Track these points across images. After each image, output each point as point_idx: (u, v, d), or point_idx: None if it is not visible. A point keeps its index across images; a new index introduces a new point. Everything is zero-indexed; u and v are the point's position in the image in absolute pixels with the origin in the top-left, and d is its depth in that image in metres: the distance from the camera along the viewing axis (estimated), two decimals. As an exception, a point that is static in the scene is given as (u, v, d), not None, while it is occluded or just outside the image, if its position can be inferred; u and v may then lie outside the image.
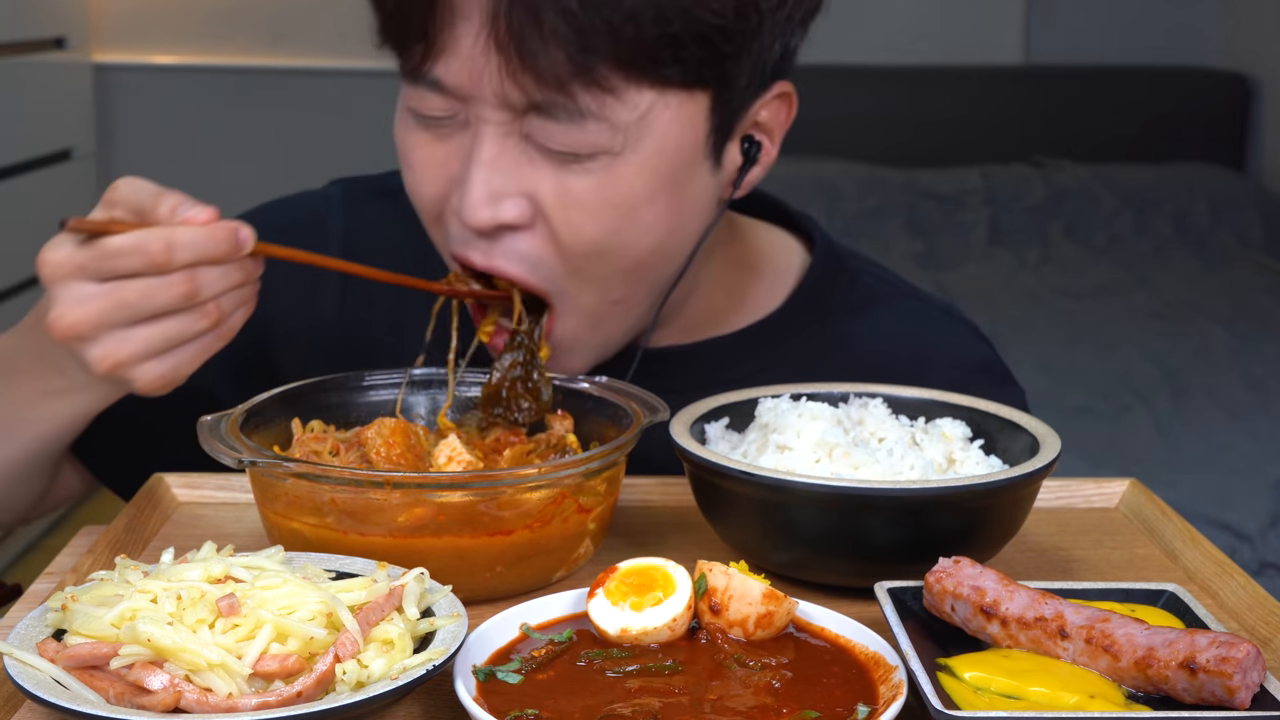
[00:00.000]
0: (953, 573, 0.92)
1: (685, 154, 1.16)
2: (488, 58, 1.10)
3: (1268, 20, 4.82)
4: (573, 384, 1.20)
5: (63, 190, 4.09)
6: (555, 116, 1.11)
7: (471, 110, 1.14)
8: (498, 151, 1.14)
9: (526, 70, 1.09)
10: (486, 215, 1.15)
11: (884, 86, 4.66)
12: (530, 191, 1.15)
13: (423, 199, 1.21)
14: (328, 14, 4.64)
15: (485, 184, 1.14)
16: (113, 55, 4.58)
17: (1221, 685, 0.81)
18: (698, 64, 1.12)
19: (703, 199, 1.21)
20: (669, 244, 1.21)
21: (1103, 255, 4.33)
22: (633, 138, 1.13)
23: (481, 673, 0.85)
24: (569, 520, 1.05)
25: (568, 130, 1.12)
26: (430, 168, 1.19)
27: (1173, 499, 1.99)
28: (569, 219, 1.15)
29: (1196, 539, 1.14)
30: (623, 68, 1.09)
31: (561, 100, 1.10)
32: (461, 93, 1.13)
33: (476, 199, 1.14)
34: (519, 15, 1.07)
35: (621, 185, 1.14)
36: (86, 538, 1.13)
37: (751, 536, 1.06)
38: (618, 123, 1.12)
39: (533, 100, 1.11)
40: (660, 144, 1.14)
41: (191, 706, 0.80)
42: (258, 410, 1.12)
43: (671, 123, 1.14)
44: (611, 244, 1.17)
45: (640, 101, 1.11)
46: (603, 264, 1.18)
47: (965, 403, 1.18)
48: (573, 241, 1.16)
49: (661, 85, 1.12)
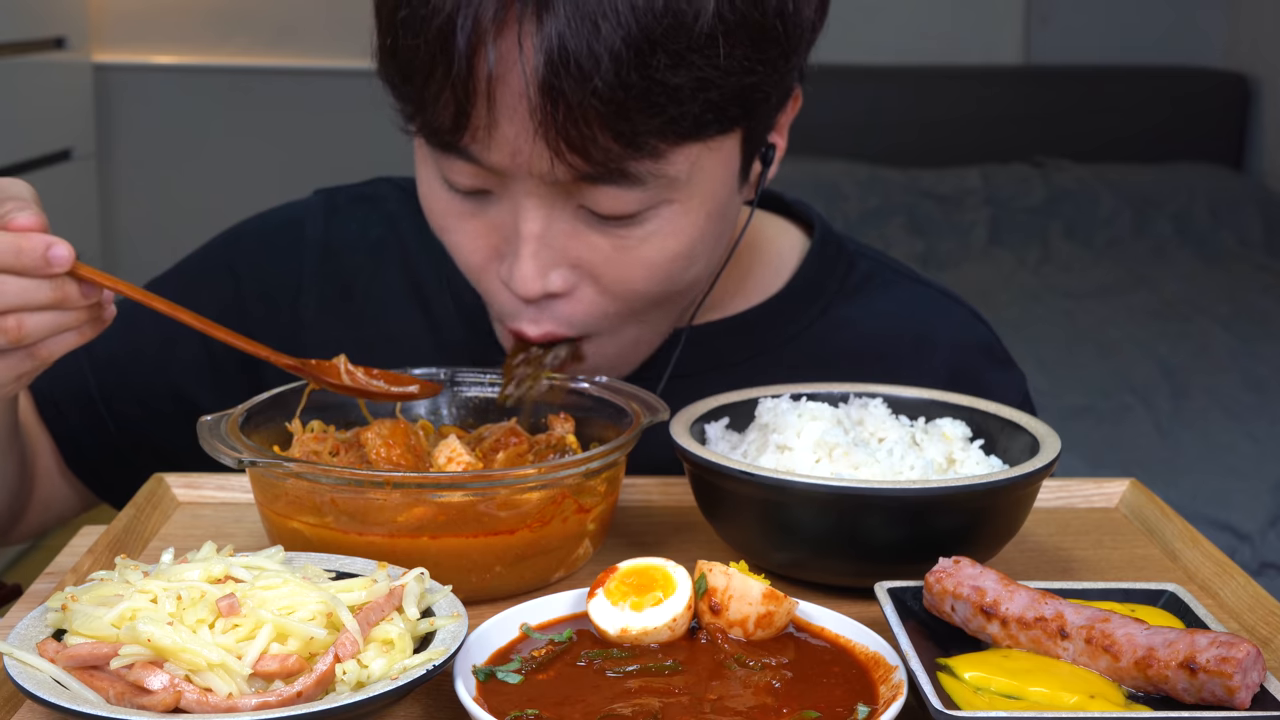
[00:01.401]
0: (953, 573, 0.92)
1: (727, 186, 1.17)
2: (534, 146, 1.07)
3: (1268, 20, 4.82)
4: (573, 384, 1.20)
5: (63, 190, 4.09)
6: (609, 183, 1.09)
7: (511, 185, 1.12)
8: (544, 224, 1.12)
9: (573, 153, 1.06)
10: (538, 288, 1.14)
11: (884, 87, 4.66)
12: (577, 259, 1.14)
13: (467, 267, 1.20)
14: (328, 14, 4.64)
15: (534, 258, 1.13)
16: (113, 55, 4.58)
17: (1221, 685, 0.81)
18: (735, 116, 1.12)
19: (734, 215, 1.23)
20: (709, 269, 1.22)
21: (1103, 255, 4.33)
22: (685, 187, 1.13)
23: (481, 673, 0.85)
24: (569, 520, 1.05)
25: (623, 193, 1.10)
26: (472, 238, 1.17)
27: (1173, 499, 1.99)
28: (623, 276, 1.15)
29: (1196, 539, 1.15)
30: (668, 138, 1.08)
31: (614, 173, 1.09)
32: (501, 171, 1.10)
33: (528, 274, 1.13)
34: (564, 110, 1.04)
35: (678, 233, 1.15)
36: (86, 538, 1.13)
37: (751, 536, 1.06)
38: (672, 176, 1.11)
39: (583, 174, 1.08)
40: (708, 187, 1.15)
41: (191, 706, 0.80)
42: (258, 410, 1.12)
43: (715, 165, 1.14)
44: (663, 288, 1.18)
45: (689, 155, 1.11)
46: (650, 304, 1.19)
47: (965, 403, 1.18)
48: (625, 294, 1.17)
49: (704, 140, 1.11)
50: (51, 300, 1.02)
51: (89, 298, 1.04)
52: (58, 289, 1.02)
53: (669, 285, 1.18)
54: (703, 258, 1.19)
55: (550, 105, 1.04)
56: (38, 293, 1.01)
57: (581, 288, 1.16)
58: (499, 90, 1.05)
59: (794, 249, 1.41)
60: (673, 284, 1.18)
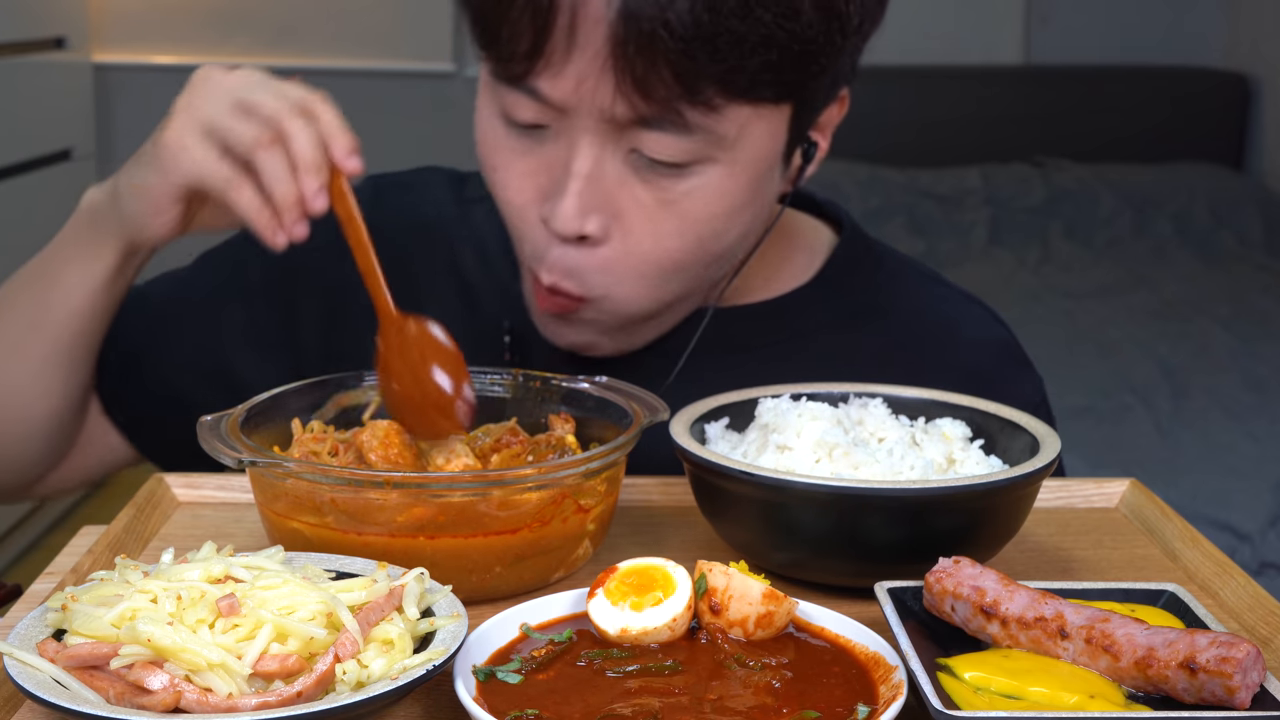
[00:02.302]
0: (953, 573, 0.92)
1: (768, 162, 1.21)
2: (600, 79, 1.12)
3: (1268, 20, 4.82)
4: (573, 384, 1.20)
5: (63, 190, 4.08)
6: (662, 128, 1.14)
7: (569, 121, 1.16)
8: (594, 165, 1.17)
9: (636, 90, 1.12)
10: (576, 226, 1.18)
11: (884, 87, 4.66)
12: (618, 207, 1.19)
13: (507, 205, 1.24)
14: (328, 14, 4.65)
15: (578, 196, 1.17)
16: (113, 55, 4.58)
17: (1221, 685, 0.81)
18: (789, 84, 1.17)
19: (770, 199, 1.27)
20: (737, 246, 1.26)
21: (1103, 255, 4.33)
22: (730, 148, 1.17)
23: (481, 673, 0.85)
24: (568, 520, 1.05)
25: (673, 140, 1.15)
26: (520, 176, 1.21)
27: (1173, 499, 1.99)
28: (656, 230, 1.19)
29: (1196, 539, 1.14)
30: (725, 90, 1.13)
31: (669, 116, 1.13)
32: (563, 106, 1.15)
33: (569, 211, 1.17)
34: (636, 42, 1.10)
35: (720, 194, 1.19)
36: (86, 538, 1.13)
37: (751, 536, 1.06)
38: (721, 134, 1.16)
39: (639, 115, 1.14)
40: (753, 154, 1.19)
41: (191, 706, 0.80)
42: (258, 410, 1.12)
43: (762, 134, 1.19)
44: (689, 253, 1.21)
45: (739, 116, 1.16)
46: (670, 271, 1.22)
47: (965, 403, 1.18)
48: (651, 250, 1.20)
49: (757, 103, 1.16)
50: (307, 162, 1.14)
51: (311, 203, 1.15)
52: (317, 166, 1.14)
53: (697, 250, 1.21)
54: (734, 230, 1.23)
55: (624, 35, 1.10)
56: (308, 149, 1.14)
57: (611, 241, 1.20)
58: (580, 18, 1.11)
59: (824, 244, 1.45)
60: (701, 249, 1.21)
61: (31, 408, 1.36)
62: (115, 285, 1.31)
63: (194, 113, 1.18)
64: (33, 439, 1.38)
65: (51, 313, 1.32)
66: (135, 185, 1.22)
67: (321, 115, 1.17)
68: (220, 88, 1.18)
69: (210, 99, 1.18)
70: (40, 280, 1.33)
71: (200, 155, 1.17)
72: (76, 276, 1.30)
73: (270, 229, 1.16)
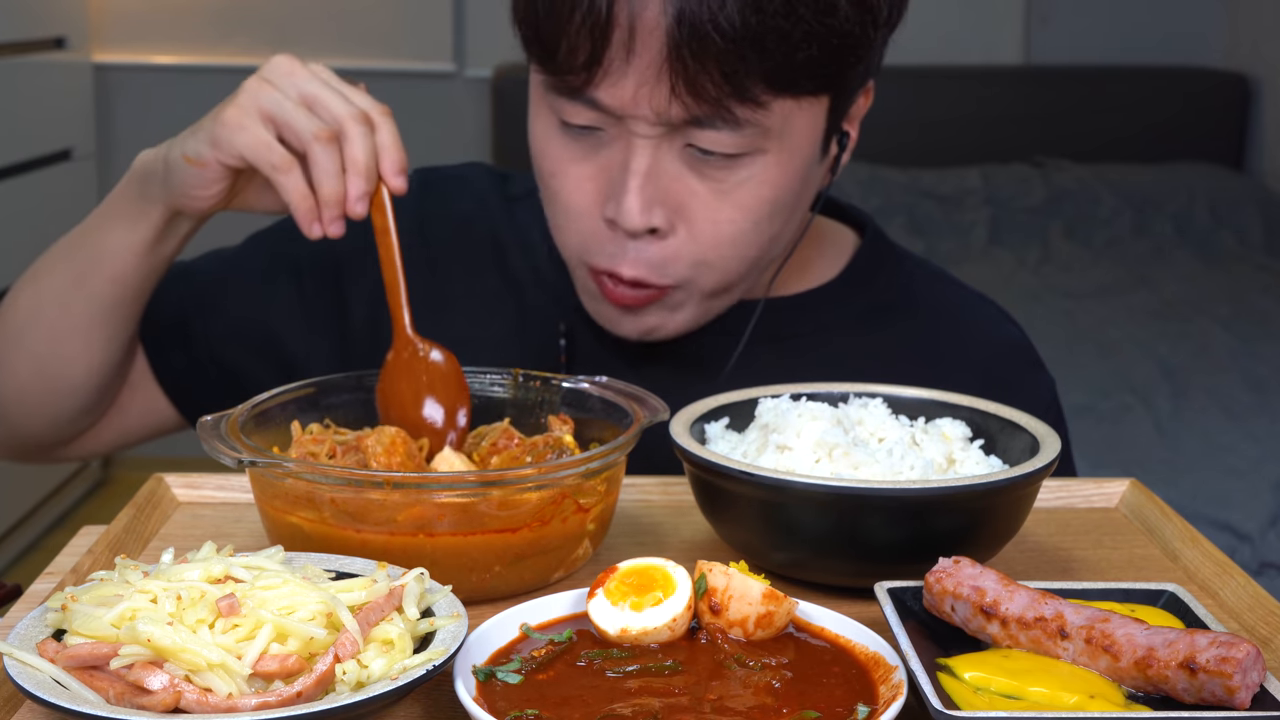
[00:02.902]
0: (953, 573, 0.92)
1: (811, 151, 1.28)
2: (656, 85, 1.19)
3: (1268, 20, 4.82)
4: (573, 384, 1.20)
5: (63, 190, 4.09)
6: (714, 126, 1.21)
7: (624, 124, 1.23)
8: (651, 163, 1.23)
9: (689, 92, 1.18)
10: (642, 221, 1.24)
11: (884, 86, 4.62)
12: (678, 200, 1.25)
13: (569, 209, 1.29)
14: (328, 14, 4.64)
15: (640, 192, 1.23)
16: (113, 55, 4.58)
17: (1221, 685, 0.81)
18: (828, 76, 1.24)
19: (812, 188, 1.34)
20: (784, 234, 1.33)
21: (1103, 255, 4.33)
22: (778, 139, 1.24)
23: (481, 673, 0.85)
24: (568, 520, 1.05)
25: (725, 135, 1.21)
26: (579, 181, 1.27)
27: (1173, 499, 1.99)
28: (715, 217, 1.26)
29: (1196, 539, 1.14)
30: (771, 85, 1.20)
31: (720, 114, 1.20)
32: (621, 113, 1.22)
33: (634, 207, 1.23)
34: (690, 46, 1.16)
35: (769, 183, 1.26)
36: (86, 538, 1.13)
37: (751, 536, 1.06)
38: (769, 127, 1.22)
39: (692, 115, 1.20)
40: (797, 142, 1.26)
41: (191, 706, 0.80)
42: (259, 410, 1.12)
43: (805, 124, 1.25)
44: (747, 238, 1.28)
45: (784, 109, 1.22)
46: (733, 255, 1.29)
47: (965, 403, 1.18)
48: (713, 238, 1.27)
49: (799, 96, 1.23)
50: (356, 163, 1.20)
51: (352, 206, 1.21)
52: (367, 171, 1.21)
53: (754, 236, 1.28)
54: (783, 214, 1.29)
55: (679, 40, 1.16)
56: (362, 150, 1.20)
57: (676, 232, 1.26)
58: (637, 28, 1.17)
59: (848, 245, 1.50)
60: (756, 234, 1.28)
61: (73, 365, 1.40)
62: (157, 251, 1.35)
63: (260, 96, 1.22)
64: (72, 396, 1.42)
65: (95, 272, 1.36)
66: (187, 157, 1.26)
67: (381, 127, 1.22)
68: (291, 78, 1.23)
69: (279, 86, 1.23)
70: (86, 240, 1.38)
71: (256, 135, 1.22)
72: (121, 238, 1.34)
73: (309, 219, 1.21)
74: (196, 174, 1.26)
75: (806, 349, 1.42)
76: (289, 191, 1.21)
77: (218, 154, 1.24)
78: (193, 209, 1.30)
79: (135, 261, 1.34)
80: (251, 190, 1.31)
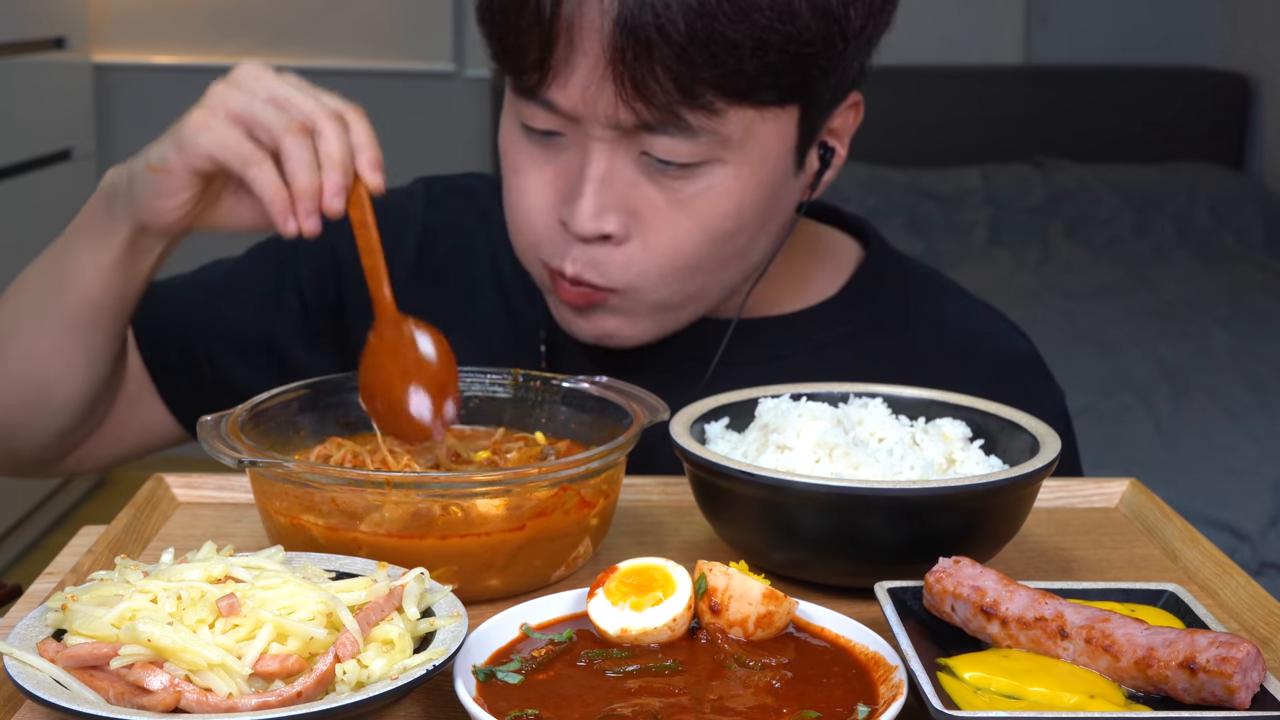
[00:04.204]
0: (953, 573, 0.92)
1: (779, 163, 1.25)
2: (602, 86, 1.18)
3: (1268, 20, 4.82)
4: (573, 384, 1.20)
5: (63, 190, 4.09)
6: (666, 132, 1.19)
7: (582, 129, 1.22)
8: (608, 168, 1.22)
9: (638, 97, 1.17)
10: (593, 227, 1.23)
11: (884, 87, 4.62)
12: (634, 206, 1.23)
13: (525, 209, 1.28)
14: (328, 14, 4.64)
15: (595, 197, 1.22)
16: (113, 55, 4.58)
17: (1221, 685, 0.81)
18: (790, 86, 1.20)
19: (787, 203, 1.31)
20: (753, 247, 1.29)
21: (1103, 255, 4.33)
22: (737, 149, 1.21)
23: (481, 673, 0.85)
24: (569, 520, 1.05)
25: (679, 143, 1.20)
26: (539, 182, 1.27)
27: (1173, 499, 1.99)
28: (671, 229, 1.24)
29: (1196, 539, 1.14)
30: (724, 93, 1.17)
31: (671, 120, 1.18)
32: (574, 114, 1.21)
33: (587, 211, 1.22)
34: (632, 49, 1.15)
35: (728, 193, 1.23)
36: (86, 538, 1.13)
37: (751, 536, 1.06)
38: (726, 136, 1.20)
39: (643, 121, 1.18)
40: (761, 154, 1.23)
41: (191, 706, 0.80)
42: (259, 410, 1.12)
43: (769, 135, 1.23)
44: (706, 250, 1.25)
45: (743, 118, 1.20)
46: (689, 268, 1.26)
47: (965, 403, 1.18)
48: (670, 249, 1.25)
49: (759, 105, 1.20)
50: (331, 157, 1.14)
51: (329, 201, 1.15)
52: (343, 164, 1.15)
53: (712, 249, 1.25)
54: (748, 230, 1.26)
55: (621, 44, 1.14)
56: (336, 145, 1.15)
57: (631, 240, 1.24)
58: (577, 28, 1.16)
59: (851, 257, 1.47)
60: (716, 248, 1.25)
61: (55, 385, 1.36)
62: (128, 269, 1.29)
63: (226, 99, 1.18)
64: (58, 415, 1.38)
65: (66, 291, 1.31)
66: (151, 165, 1.20)
67: (355, 125, 1.18)
68: (259, 81, 1.19)
69: (246, 89, 1.18)
70: (57, 260, 1.33)
71: (223, 133, 1.16)
72: (90, 257, 1.29)
73: (284, 213, 1.15)
74: (160, 181, 1.19)
75: (804, 368, 1.37)
76: (261, 184, 1.14)
77: (183, 157, 1.18)
78: (158, 222, 1.23)
79: (106, 280, 1.29)
80: (222, 205, 1.25)
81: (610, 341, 1.33)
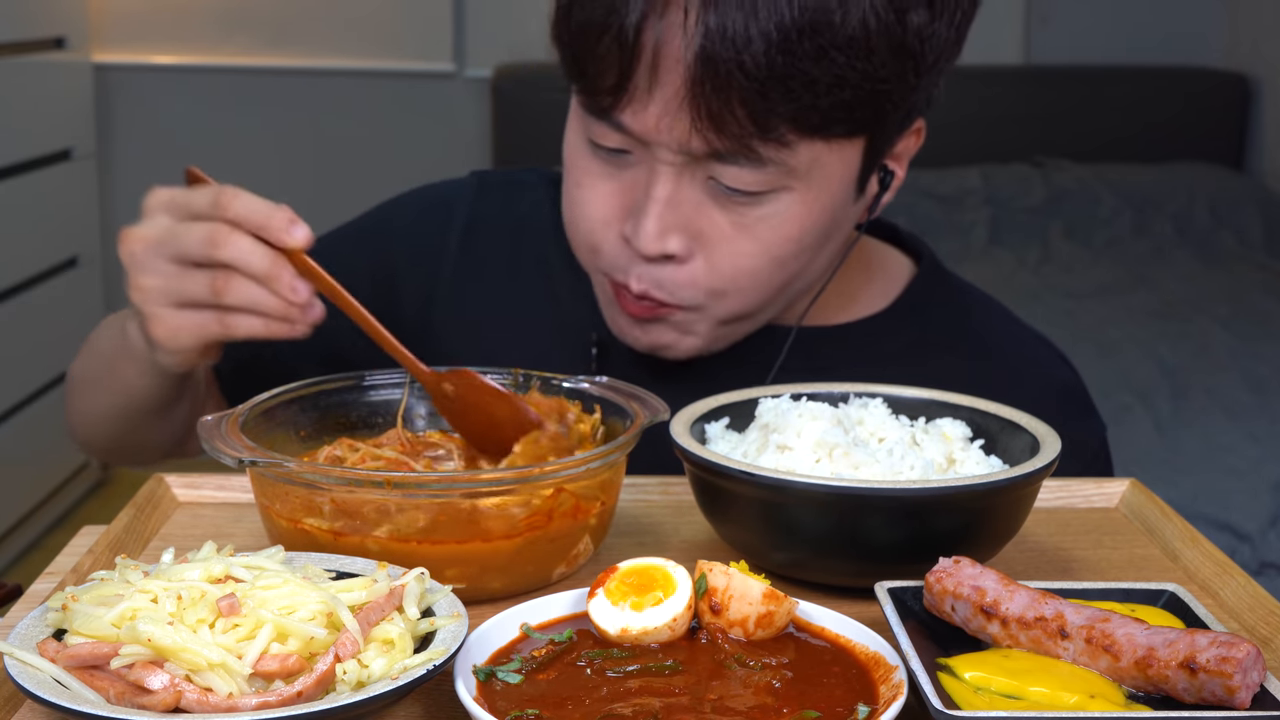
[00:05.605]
0: (953, 573, 0.92)
1: (842, 190, 1.27)
2: (678, 116, 1.18)
3: (1268, 20, 4.82)
4: (573, 384, 1.20)
5: (63, 190, 4.09)
6: (736, 162, 1.20)
7: (650, 151, 1.23)
8: (673, 190, 1.23)
9: (712, 128, 1.17)
10: (657, 247, 1.24)
11: (884, 87, 4.65)
12: (698, 228, 1.24)
13: (587, 219, 1.29)
14: (328, 14, 4.64)
15: (660, 219, 1.23)
16: (113, 55, 4.58)
17: (1221, 685, 0.81)
18: (862, 120, 1.22)
19: (847, 224, 1.33)
20: (812, 266, 1.31)
21: (1103, 255, 4.33)
22: (804, 178, 1.22)
23: (482, 673, 0.86)
24: (569, 518, 1.05)
25: (747, 173, 1.21)
26: (603, 196, 1.28)
27: (1173, 499, 1.99)
28: (735, 252, 1.25)
29: (1196, 539, 1.15)
30: (798, 127, 1.18)
31: (742, 151, 1.19)
32: (645, 139, 1.22)
33: (651, 232, 1.23)
34: (711, 81, 1.15)
35: (792, 221, 1.24)
36: (86, 538, 1.13)
37: (751, 536, 1.06)
38: (794, 166, 1.21)
39: (714, 150, 1.19)
40: (826, 183, 1.24)
41: (191, 706, 0.80)
42: (259, 410, 1.12)
43: (835, 164, 1.24)
44: (768, 272, 1.27)
45: (812, 150, 1.21)
46: (750, 288, 1.27)
47: (965, 403, 1.18)
48: (732, 269, 1.26)
49: (829, 139, 1.21)
50: (264, 272, 1.08)
51: (295, 294, 1.09)
52: (275, 265, 1.08)
53: (773, 272, 1.27)
54: (808, 252, 1.28)
55: (701, 75, 1.15)
56: (258, 256, 1.08)
57: (694, 259, 1.26)
58: (659, 56, 1.17)
59: (903, 274, 1.48)
60: (778, 271, 1.27)
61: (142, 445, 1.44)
62: (181, 382, 1.32)
63: (151, 293, 1.13)
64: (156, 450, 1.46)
65: (127, 398, 1.34)
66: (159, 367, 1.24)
67: (234, 207, 1.09)
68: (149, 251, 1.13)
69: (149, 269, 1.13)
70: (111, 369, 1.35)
71: (186, 325, 1.13)
72: (136, 380, 1.31)
73: (285, 332, 1.13)
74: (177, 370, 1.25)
75: (849, 380, 1.35)
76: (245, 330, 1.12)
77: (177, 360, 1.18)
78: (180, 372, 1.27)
79: (161, 392, 1.32)
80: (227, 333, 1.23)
81: (664, 353, 1.34)
